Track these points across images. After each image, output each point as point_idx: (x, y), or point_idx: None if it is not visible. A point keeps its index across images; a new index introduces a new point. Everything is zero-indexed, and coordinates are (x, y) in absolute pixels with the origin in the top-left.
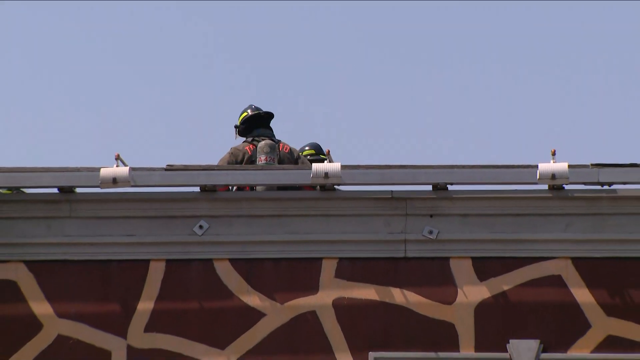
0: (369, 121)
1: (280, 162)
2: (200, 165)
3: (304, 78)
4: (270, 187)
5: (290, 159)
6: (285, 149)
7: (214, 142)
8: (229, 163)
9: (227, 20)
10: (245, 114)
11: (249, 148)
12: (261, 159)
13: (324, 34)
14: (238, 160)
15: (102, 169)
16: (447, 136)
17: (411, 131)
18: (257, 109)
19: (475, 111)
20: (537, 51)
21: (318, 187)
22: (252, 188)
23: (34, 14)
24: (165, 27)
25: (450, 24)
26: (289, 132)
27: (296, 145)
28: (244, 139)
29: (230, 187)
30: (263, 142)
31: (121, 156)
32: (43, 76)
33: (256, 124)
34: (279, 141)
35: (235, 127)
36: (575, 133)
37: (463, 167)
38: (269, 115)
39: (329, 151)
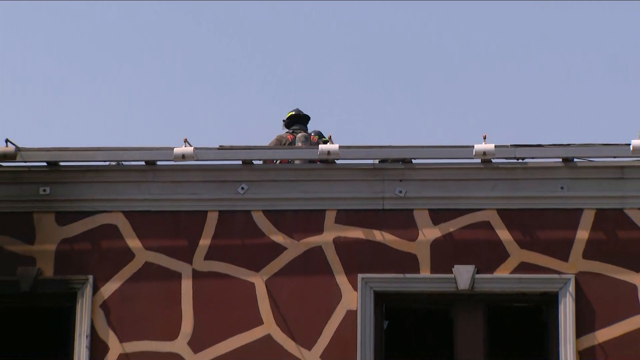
0: (360, 115)
1: None
2: (242, 146)
3: (310, 78)
4: (304, 161)
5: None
6: (314, 140)
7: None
8: (276, 144)
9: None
10: (291, 113)
11: (290, 137)
12: (298, 145)
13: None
14: (282, 144)
15: (175, 149)
16: (412, 123)
17: (387, 121)
18: (298, 111)
19: (431, 105)
20: (472, 51)
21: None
22: (290, 161)
23: (117, 12)
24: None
25: (399, 23)
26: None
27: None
28: (287, 130)
29: (274, 161)
30: (300, 133)
31: (187, 139)
32: (130, 75)
33: (296, 121)
34: (310, 134)
35: (283, 120)
36: (500, 119)
37: (422, 147)
38: (306, 117)
39: (330, 136)
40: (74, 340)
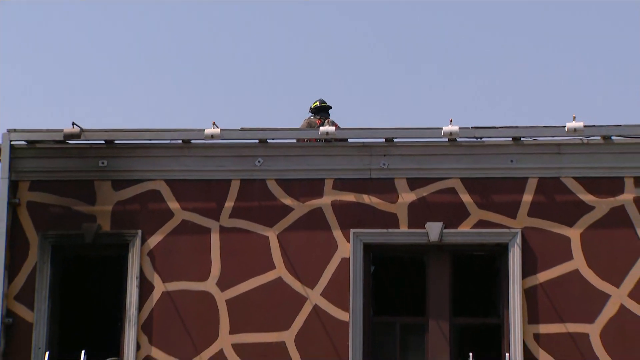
0: (353, 103)
1: None
2: (259, 128)
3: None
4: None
5: None
6: (336, 125)
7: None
8: (307, 126)
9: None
10: (316, 103)
11: (318, 121)
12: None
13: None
14: (312, 126)
15: (205, 130)
16: (394, 108)
17: (374, 107)
18: (323, 101)
19: (411, 96)
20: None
21: (324, 139)
22: (318, 140)
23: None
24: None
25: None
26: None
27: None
28: (312, 115)
29: (305, 140)
30: (326, 120)
31: (215, 122)
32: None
33: (321, 109)
34: (333, 121)
35: (310, 108)
36: (464, 106)
37: (401, 129)
38: (329, 107)
39: (329, 120)
40: (127, 281)
